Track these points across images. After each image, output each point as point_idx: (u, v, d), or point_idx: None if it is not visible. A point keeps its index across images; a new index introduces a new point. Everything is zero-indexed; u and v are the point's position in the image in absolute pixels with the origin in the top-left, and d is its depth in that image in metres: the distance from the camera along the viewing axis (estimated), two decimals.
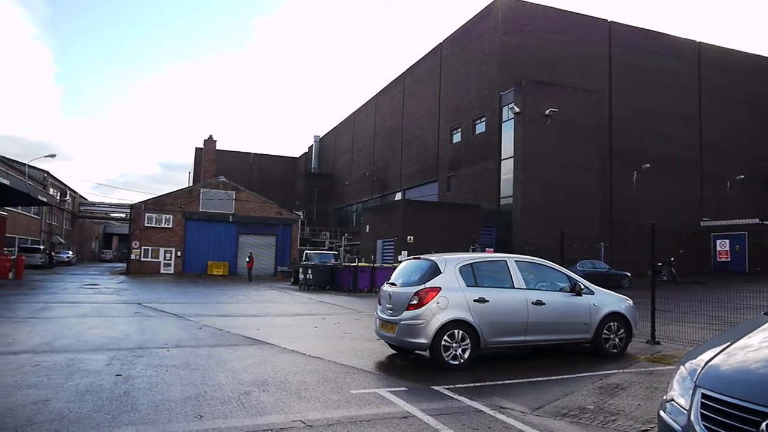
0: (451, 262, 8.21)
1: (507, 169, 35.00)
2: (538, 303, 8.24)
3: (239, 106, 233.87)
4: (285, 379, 6.98)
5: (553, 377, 7.46)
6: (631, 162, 37.53)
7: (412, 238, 31.57)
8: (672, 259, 29.73)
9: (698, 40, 44.10)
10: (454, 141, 42.11)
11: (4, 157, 41.66)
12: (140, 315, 14.15)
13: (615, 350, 8.83)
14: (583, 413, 5.74)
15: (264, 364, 8.02)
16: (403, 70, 53.08)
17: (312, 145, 79.15)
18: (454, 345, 7.74)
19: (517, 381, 7.22)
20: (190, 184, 57.17)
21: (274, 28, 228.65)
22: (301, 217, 50.92)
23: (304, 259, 34.50)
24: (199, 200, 41.52)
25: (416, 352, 8.63)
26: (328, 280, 26.25)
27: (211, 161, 50.13)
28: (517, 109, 33.42)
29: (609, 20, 41.12)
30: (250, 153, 79.86)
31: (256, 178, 72.30)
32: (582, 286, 8.78)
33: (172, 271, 39.87)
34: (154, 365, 7.65)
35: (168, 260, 40.33)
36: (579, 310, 8.62)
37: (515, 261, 8.63)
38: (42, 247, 44.94)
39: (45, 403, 5.56)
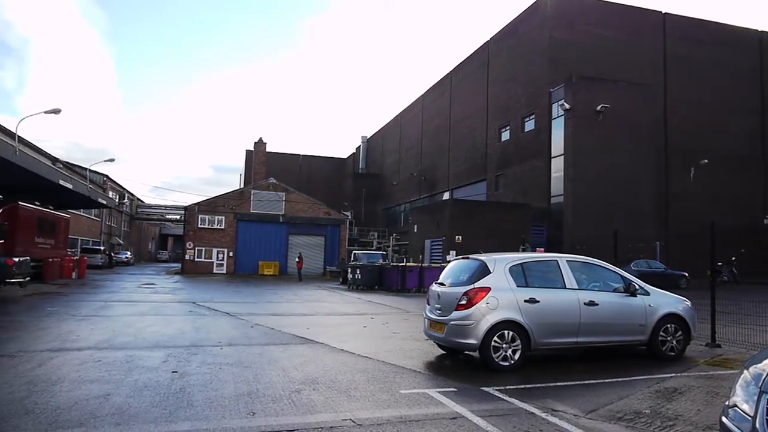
0: (500, 262, 8.11)
1: (557, 166, 34.36)
2: (591, 304, 8.05)
3: (288, 108, 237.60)
4: (335, 378, 7.05)
5: (606, 380, 7.27)
6: (688, 158, 36.22)
7: (460, 237, 31.37)
8: (733, 258, 28.54)
9: (759, 29, 42.18)
10: (503, 139, 41.60)
11: (67, 163, 43.59)
12: (194, 314, 14.56)
13: (672, 353, 8.53)
14: (638, 418, 5.57)
15: (314, 362, 8.12)
16: (450, 69, 52.78)
17: (360, 146, 79.64)
18: (504, 346, 7.65)
19: (569, 383, 7.06)
20: (241, 186, 58.40)
21: (321, 30, 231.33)
22: (350, 217, 51.28)
23: (352, 259, 34.74)
24: (250, 202, 42.38)
25: (465, 352, 8.56)
26: (376, 280, 26.34)
27: (261, 163, 51.19)
28: (567, 106, 32.76)
29: (663, 12, 39.81)
30: (299, 155, 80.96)
31: (305, 179, 73.19)
32: (637, 287, 8.52)
33: (224, 271, 40.84)
34: (208, 363, 7.85)
35: (221, 260, 41.33)
36: (634, 312, 8.37)
37: (567, 261, 8.46)
38: (102, 247, 46.80)
39: (106, 398, 5.78)
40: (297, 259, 37.11)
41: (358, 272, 26.60)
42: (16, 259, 18.35)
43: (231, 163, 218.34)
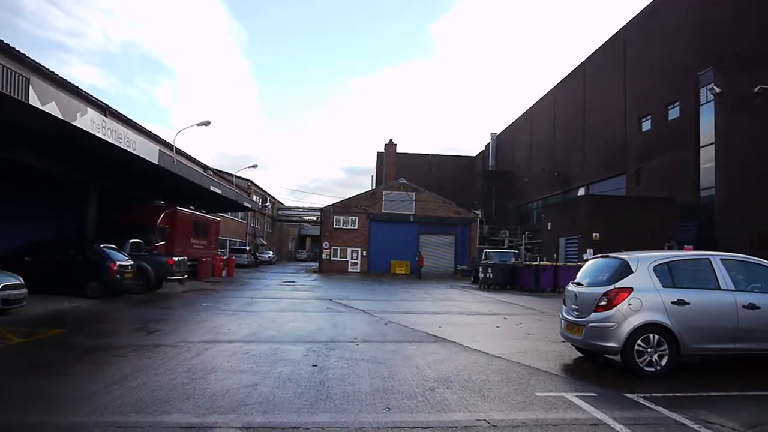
0: (644, 261, 7.61)
1: (707, 157, 31.45)
2: (751, 307, 7.30)
3: (417, 108, 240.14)
4: (468, 378, 7.02)
5: None
6: None
7: (597, 235, 29.84)
8: None
9: None
10: (643, 130, 38.92)
11: (216, 170, 47.42)
12: (332, 310, 15.19)
13: None
14: None
15: (447, 361, 8.14)
16: (583, 59, 50.37)
17: (489, 143, 78.43)
18: (649, 350, 7.18)
19: (725, 394, 6.47)
20: (373, 187, 59.92)
21: (447, 29, 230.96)
22: (480, 215, 50.76)
23: (483, 258, 34.38)
24: (381, 202, 43.40)
25: (606, 356, 8.14)
26: (508, 280, 25.91)
27: (392, 164, 52.25)
28: (717, 90, 29.86)
29: None
30: (428, 154, 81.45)
31: (434, 179, 73.44)
32: None
33: (358, 270, 42.18)
34: (345, 358, 8.16)
35: (355, 259, 42.76)
36: None
37: (721, 259, 7.73)
38: (248, 248, 50.42)
39: (254, 387, 6.22)
40: (417, 257, 37.67)
41: (489, 271, 26.32)
42: (176, 259, 20.23)
43: (362, 165, 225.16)
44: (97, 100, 24.64)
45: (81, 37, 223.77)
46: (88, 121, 13.51)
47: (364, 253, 42.80)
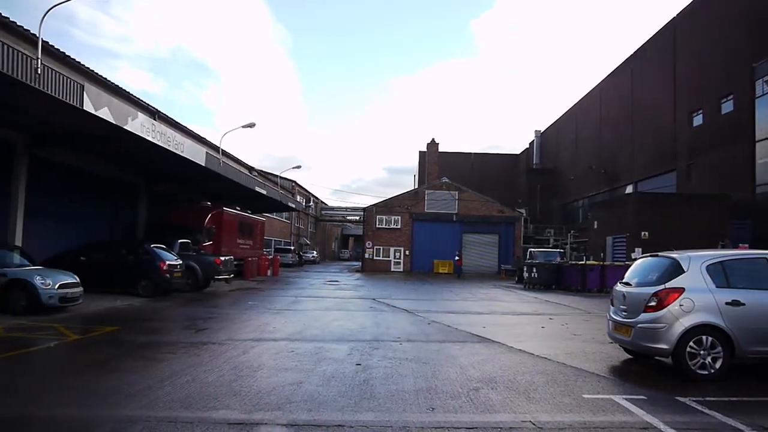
0: (696, 260, 7.37)
1: (763, 152, 30.20)
2: None
3: (459, 107, 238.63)
4: (513, 378, 6.94)
5: None
6: None
7: (646, 233, 29.06)
8: None
9: None
10: (695, 124, 37.66)
11: (261, 171, 48.21)
12: (374, 310, 15.25)
13: None
14: None
15: (491, 361, 8.07)
16: (631, 53, 49.09)
17: (533, 140, 77.28)
18: (701, 353, 6.96)
19: None
20: (415, 187, 59.88)
21: (489, 26, 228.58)
22: (524, 214, 50.11)
23: (528, 257, 33.96)
24: (424, 201, 43.31)
25: (656, 358, 7.92)
26: (553, 279, 25.55)
27: (434, 163, 52.11)
28: None
29: None
30: (470, 153, 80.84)
31: (477, 178, 72.81)
32: None
33: (401, 269, 42.20)
34: (388, 357, 8.18)
35: (397, 259, 42.79)
36: None
37: None
38: (292, 247, 51.10)
39: (299, 385, 6.30)
40: (456, 257, 37.53)
41: (534, 271, 25.99)
42: (223, 258, 20.69)
43: (403, 165, 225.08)
44: (147, 104, 25.37)
45: (130, 42, 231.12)
46: (139, 124, 13.97)
47: (407, 253, 42.80)
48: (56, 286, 12.00)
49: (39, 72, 10.37)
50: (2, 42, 9.60)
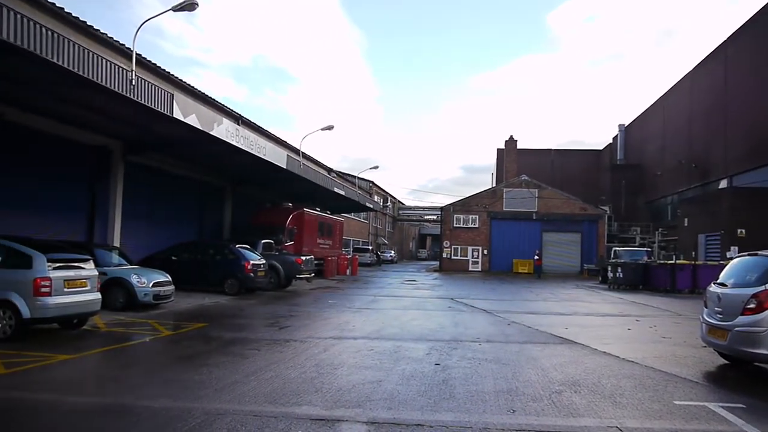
0: None
1: None
2: None
3: (536, 103, 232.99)
4: (597, 382, 6.71)
5: None
6: None
7: (743, 231, 27.29)
8: None
9: None
10: None
11: (339, 172, 49.07)
12: (453, 309, 15.18)
13: None
14: None
15: (574, 364, 7.84)
16: (724, 38, 46.16)
17: (616, 135, 74.24)
18: None
19: None
20: (493, 185, 59.04)
21: (567, 19, 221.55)
22: (608, 212, 48.30)
23: (612, 256, 32.69)
24: (502, 200, 42.65)
25: (755, 363, 7.43)
26: (640, 279, 24.54)
27: (513, 161, 51.18)
28: None
29: None
30: (550, 150, 78.71)
31: (557, 175, 70.79)
32: None
33: (479, 269, 41.75)
34: (467, 357, 8.12)
35: (476, 258, 42.37)
36: None
37: None
38: (370, 247, 51.71)
39: (378, 384, 6.38)
40: (536, 257, 36.80)
41: (619, 270, 25.04)
42: (304, 258, 21.22)
43: (480, 163, 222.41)
44: (231, 110, 26.41)
45: (214, 52, 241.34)
46: (224, 129, 14.62)
47: (485, 252, 42.27)
48: (151, 285, 12.74)
49: (134, 83, 11.05)
50: (102, 57, 10.30)
